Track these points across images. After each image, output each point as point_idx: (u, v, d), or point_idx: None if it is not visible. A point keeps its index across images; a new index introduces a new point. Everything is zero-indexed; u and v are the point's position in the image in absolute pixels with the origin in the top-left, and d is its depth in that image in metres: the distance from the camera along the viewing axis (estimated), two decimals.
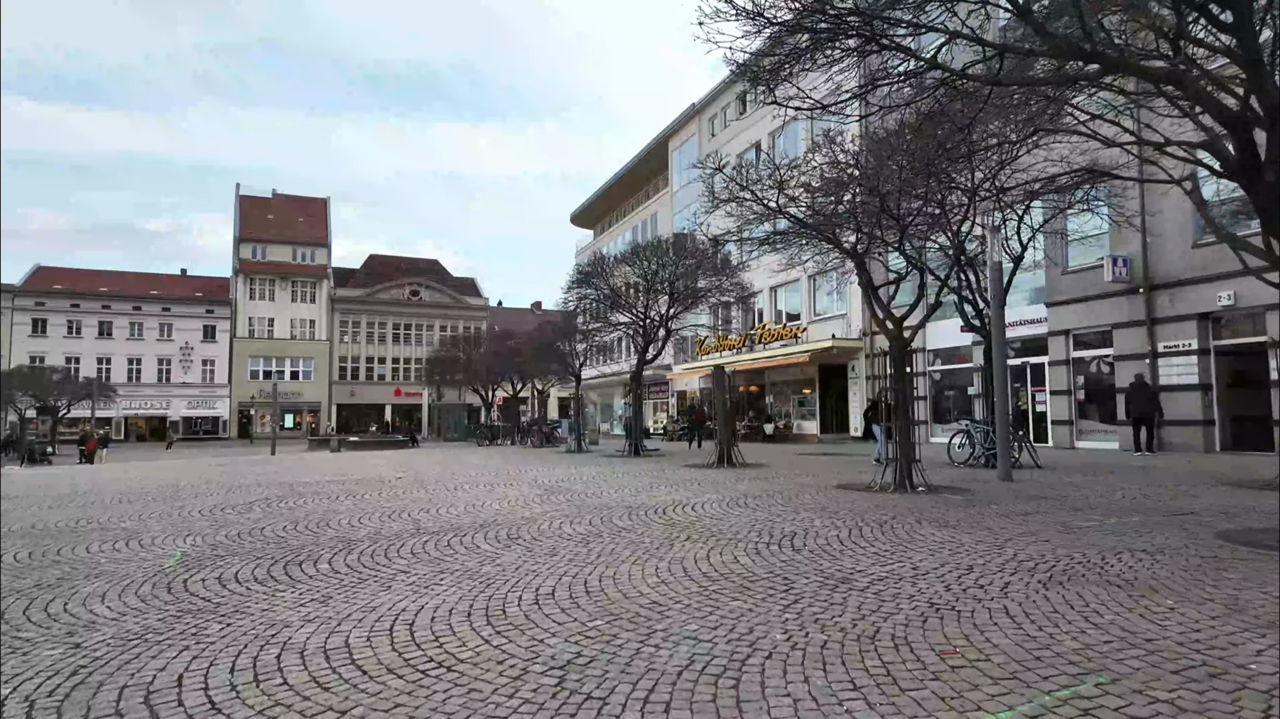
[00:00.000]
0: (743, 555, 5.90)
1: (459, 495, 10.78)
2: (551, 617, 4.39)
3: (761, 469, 14.21)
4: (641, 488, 11.26)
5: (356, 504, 9.95)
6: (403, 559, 6.22)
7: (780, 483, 11.49)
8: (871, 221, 9.45)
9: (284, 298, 62.99)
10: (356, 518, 8.69)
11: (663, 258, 18.43)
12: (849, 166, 9.47)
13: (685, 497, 9.89)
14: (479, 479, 13.50)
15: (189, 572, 6.01)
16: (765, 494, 10.02)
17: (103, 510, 9.91)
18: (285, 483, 13.37)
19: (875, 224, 9.46)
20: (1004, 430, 11.23)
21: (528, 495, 10.59)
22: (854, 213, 9.99)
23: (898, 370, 10.20)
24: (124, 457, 35.47)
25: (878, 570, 5.29)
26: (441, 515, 8.73)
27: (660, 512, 8.54)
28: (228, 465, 19.70)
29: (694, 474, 13.45)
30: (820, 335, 26.67)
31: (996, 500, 8.93)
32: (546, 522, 8.01)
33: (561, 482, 12.68)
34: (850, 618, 4.16)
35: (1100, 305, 17.68)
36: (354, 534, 7.58)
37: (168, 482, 14.27)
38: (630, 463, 17.11)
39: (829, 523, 7.38)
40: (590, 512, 8.69)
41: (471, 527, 7.83)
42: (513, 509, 9.12)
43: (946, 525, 7.11)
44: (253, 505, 10.06)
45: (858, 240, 9.99)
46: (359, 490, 11.72)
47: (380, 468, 17.05)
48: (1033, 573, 5.13)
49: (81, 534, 7.97)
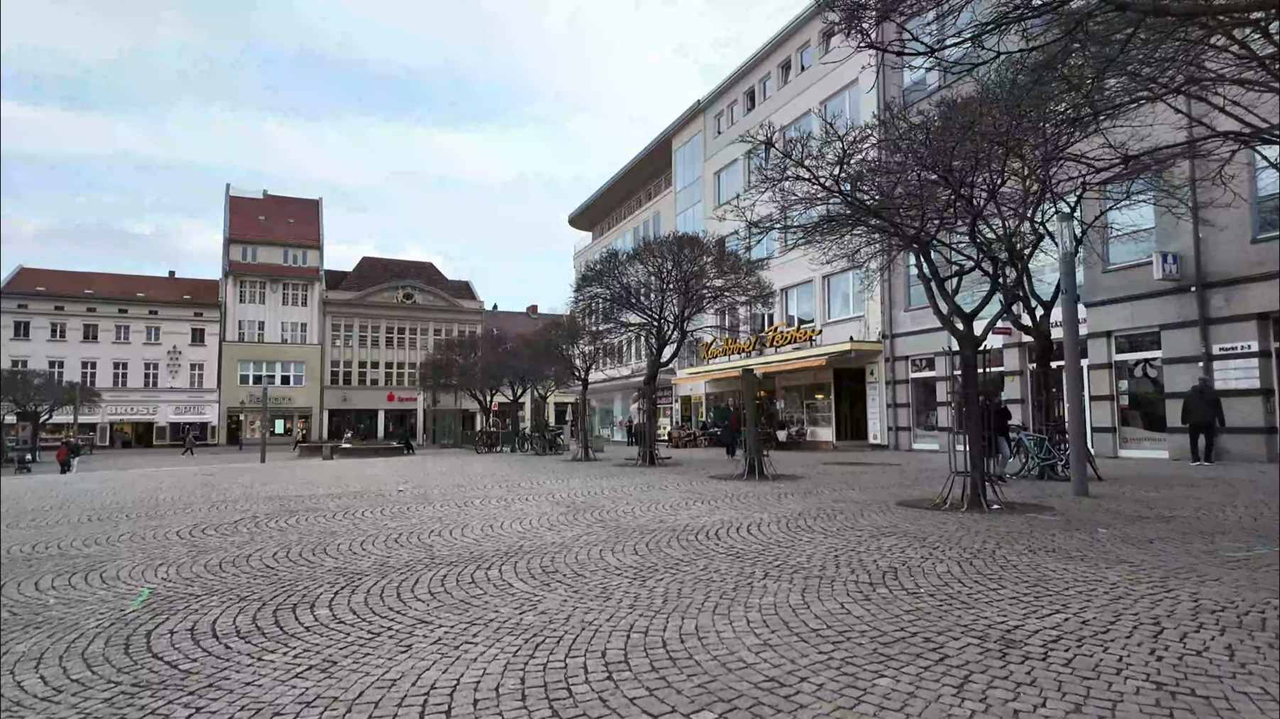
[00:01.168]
0: (849, 601, 4.74)
1: (471, 513, 9.59)
2: (637, 701, 3.23)
3: (798, 482, 13.06)
4: (676, 504, 10.09)
5: (356, 524, 8.74)
6: (420, 602, 5.04)
7: (828, 498, 10.34)
8: (943, 203, 8.36)
9: (275, 300, 61.51)
10: (358, 542, 7.49)
11: (678, 254, 17.29)
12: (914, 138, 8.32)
13: (732, 516, 8.72)
14: (489, 493, 12.30)
15: (156, 617, 4.82)
16: (822, 513, 8.87)
17: (66, 532, 8.68)
18: (276, 497, 12.14)
19: (950, 205, 8.37)
20: (1079, 440, 10.13)
21: (550, 514, 9.40)
22: (919, 193, 8.83)
23: (968, 374, 9.05)
24: (105, 465, 34.05)
25: (1036, 624, 4.14)
26: (456, 540, 7.54)
27: (713, 536, 7.37)
28: (214, 475, 18.41)
29: (726, 488, 12.29)
30: (835, 338, 25.56)
31: (1098, 522, 7.80)
32: (583, 549, 6.83)
33: (581, 496, 11.49)
34: (1063, 712, 3.00)
35: (1147, 305, 16.62)
36: (357, 564, 6.39)
37: (146, 495, 13.01)
38: (648, 473, 15.93)
39: (925, 553, 6.22)
40: (630, 536, 7.51)
41: (495, 555, 6.65)
42: (537, 532, 7.94)
43: (1069, 556, 5.97)
44: (238, 525, 8.84)
45: (922, 226, 8.86)
46: (357, 506, 10.51)
47: (379, 479, 15.82)
48: (1241, 626, 3.99)
49: (35, 564, 6.75)
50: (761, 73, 31.77)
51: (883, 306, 23.99)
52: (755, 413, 13.89)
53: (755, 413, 13.89)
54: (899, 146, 8.21)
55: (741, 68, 32.88)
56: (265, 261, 61.93)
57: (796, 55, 29.55)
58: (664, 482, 13.71)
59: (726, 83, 33.96)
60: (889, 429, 24.07)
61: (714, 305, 19.09)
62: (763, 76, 31.75)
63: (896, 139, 8.51)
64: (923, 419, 23.33)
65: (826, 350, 24.63)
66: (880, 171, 8.82)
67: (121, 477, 19.05)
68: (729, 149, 33.79)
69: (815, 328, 26.61)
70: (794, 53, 29.67)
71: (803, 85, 28.88)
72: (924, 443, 22.88)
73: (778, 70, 30.73)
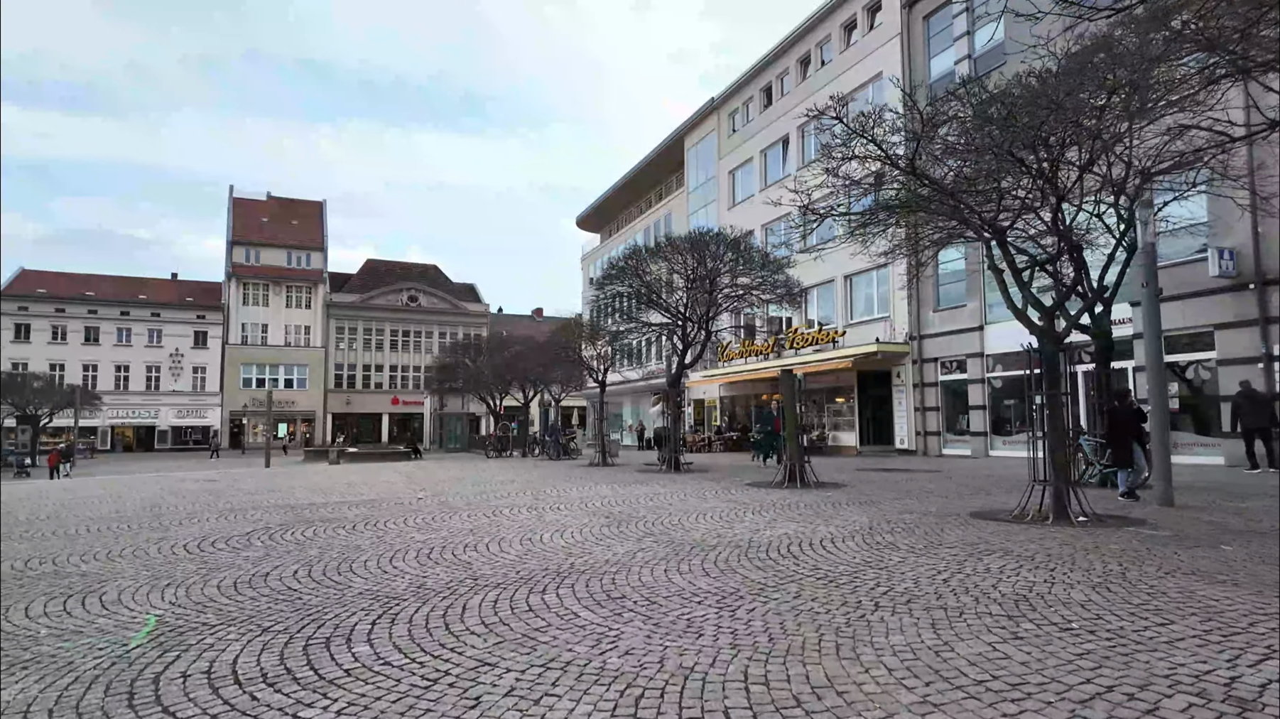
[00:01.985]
0: (997, 640, 3.96)
1: (503, 523, 8.81)
2: None
3: (844, 490, 12.28)
4: (726, 515, 9.31)
5: (380, 537, 7.97)
6: (475, 636, 4.26)
7: (891, 510, 9.56)
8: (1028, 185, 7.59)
9: (278, 303, 60.80)
10: (387, 557, 6.72)
11: (704, 249, 16.53)
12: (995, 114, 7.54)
13: (796, 530, 7.94)
14: (515, 500, 11.52)
15: (164, 654, 4.05)
16: (895, 527, 8.09)
17: (64, 544, 7.90)
18: (288, 505, 11.37)
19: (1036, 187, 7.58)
20: (1164, 445, 9.34)
21: (591, 525, 8.62)
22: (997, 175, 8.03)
23: (1049, 374, 8.25)
24: (105, 469, 33.33)
25: (1253, 675, 3.36)
26: (496, 555, 6.77)
27: (787, 553, 6.59)
28: (218, 481, 17.65)
29: (771, 496, 11.51)
30: (859, 340, 24.78)
31: (1212, 537, 7.01)
32: (643, 568, 6.06)
33: (616, 504, 10.70)
34: None
35: (1201, 304, 15.84)
36: (390, 585, 5.62)
37: (147, 502, 12.23)
38: (677, 480, 15.15)
39: (1044, 575, 5.44)
40: (691, 552, 6.73)
41: (544, 574, 5.88)
42: (583, 546, 7.17)
43: (1215, 580, 5.19)
44: (251, 538, 8.07)
45: (998, 211, 8.08)
46: (378, 516, 9.74)
47: (394, 485, 15.05)
48: None
49: (27, 584, 5.99)
50: (779, 69, 31.04)
51: (910, 307, 23.23)
52: (793, 419, 13.12)
53: (793, 419, 13.12)
54: (987, 118, 7.39)
55: (757, 64, 32.17)
56: (269, 264, 61.27)
57: (816, 50, 28.82)
58: (699, 489, 12.93)
59: (741, 80, 33.23)
60: (917, 434, 23.27)
61: (738, 305, 18.31)
62: (780, 73, 31.02)
63: (978, 114, 7.70)
64: (954, 423, 22.53)
65: (851, 352, 23.84)
66: (953, 152, 8.04)
67: (121, 482, 18.28)
68: (744, 146, 33.08)
69: (838, 329, 25.82)
70: (813, 48, 28.94)
71: (822, 80, 28.15)
72: (955, 448, 22.08)
73: (796, 66, 30.00)
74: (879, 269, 24.76)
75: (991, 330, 20.93)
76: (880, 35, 25.36)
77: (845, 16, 27.13)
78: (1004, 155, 7.17)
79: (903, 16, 24.25)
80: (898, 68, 24.22)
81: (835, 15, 27.66)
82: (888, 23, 25.04)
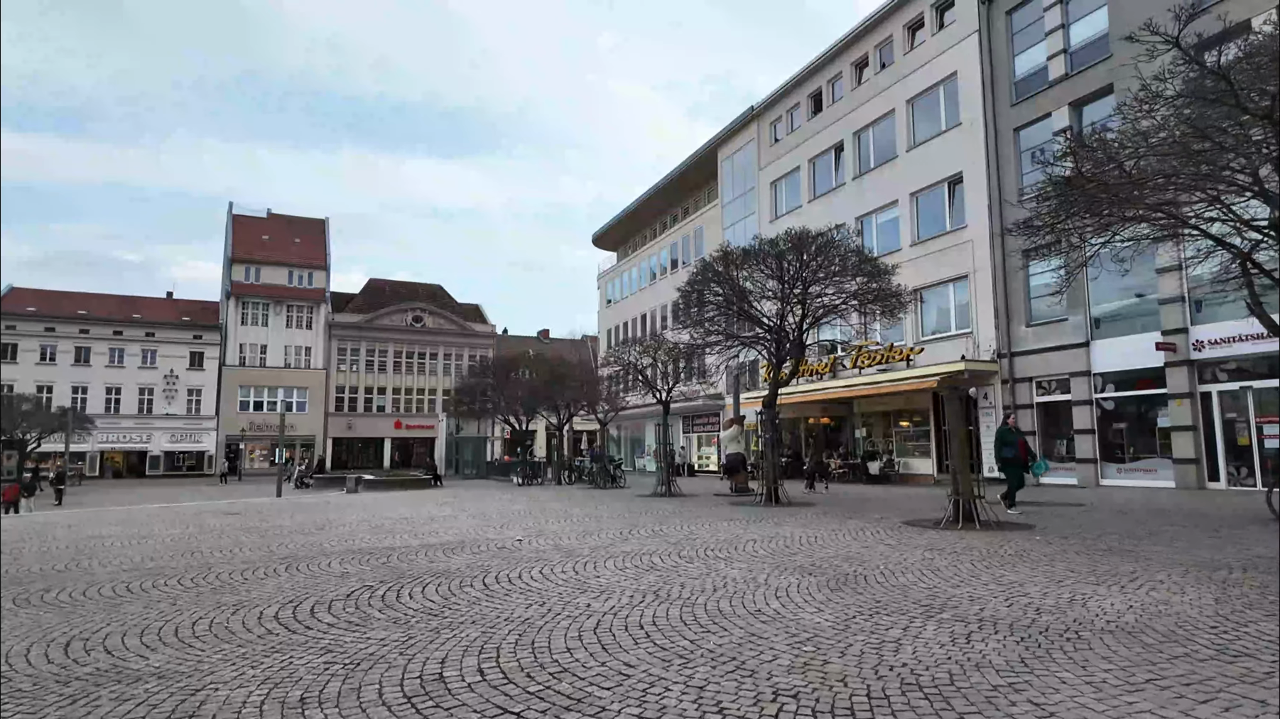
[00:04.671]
0: None
1: (682, 580, 6.72)
2: None
3: (1025, 533, 10.33)
4: (940, 567, 7.28)
5: (535, 599, 5.86)
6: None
7: (1103, 569, 7.57)
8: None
9: (278, 323, 58.48)
10: (572, 633, 4.60)
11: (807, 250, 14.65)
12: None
13: (1043, 595, 5.92)
14: (644, 545, 9.39)
15: None
16: (1129, 589, 6.10)
17: (105, 614, 5.75)
18: (361, 550, 9.23)
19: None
20: None
21: (802, 585, 6.54)
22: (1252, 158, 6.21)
23: None
24: (96, 498, 30.85)
25: None
26: (714, 631, 4.67)
27: (1088, 636, 4.56)
28: (241, 514, 15.42)
29: (942, 539, 9.57)
30: (936, 358, 22.86)
31: None
32: (978, 670, 4.01)
33: (765, 547, 8.61)
34: None
35: None
36: (626, 688, 3.54)
37: (179, 543, 9.99)
38: (799, 515, 13.08)
39: None
40: (924, 622, 4.68)
41: (782, 660, 3.81)
42: (795, 613, 5.09)
43: None
44: (359, 603, 5.95)
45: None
46: (492, 566, 7.63)
47: (458, 521, 12.91)
48: None
49: (78, 696, 3.88)
50: (830, 73, 29.44)
51: (997, 320, 21.35)
52: (964, 443, 11.15)
53: (964, 443, 11.15)
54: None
55: (802, 71, 30.58)
56: (269, 282, 59.02)
57: (875, 52, 27.23)
58: (843, 528, 10.91)
59: (786, 86, 31.60)
60: None
61: (834, 317, 16.40)
62: (831, 77, 29.42)
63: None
64: (1051, 449, 20.57)
65: (932, 371, 21.87)
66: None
67: (127, 514, 15.95)
68: (790, 156, 31.41)
69: (910, 346, 23.89)
70: (871, 49, 27.36)
71: (884, 84, 26.54)
72: (1053, 476, 20.10)
73: (850, 69, 28.40)
74: (956, 281, 22.96)
75: (1099, 346, 19.07)
76: (953, 34, 23.77)
77: (910, 16, 25.57)
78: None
79: (980, 13, 22.67)
80: (975, 66, 22.61)
81: (897, 16, 26.12)
82: (962, 20, 23.45)
